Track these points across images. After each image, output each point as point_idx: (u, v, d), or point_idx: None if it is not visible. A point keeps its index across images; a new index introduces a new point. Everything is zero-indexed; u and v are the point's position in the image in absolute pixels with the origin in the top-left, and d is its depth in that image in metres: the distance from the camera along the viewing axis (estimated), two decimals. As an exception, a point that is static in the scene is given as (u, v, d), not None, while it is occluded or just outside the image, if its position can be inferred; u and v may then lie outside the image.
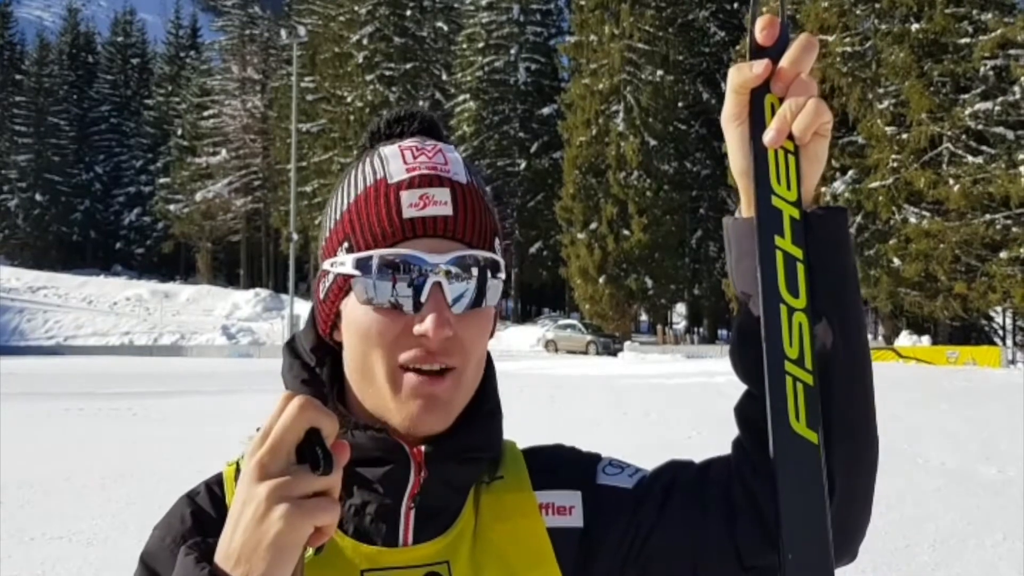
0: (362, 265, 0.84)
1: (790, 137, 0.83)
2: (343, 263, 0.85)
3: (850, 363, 0.86)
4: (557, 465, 0.96)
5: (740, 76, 0.84)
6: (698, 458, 0.98)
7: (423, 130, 0.93)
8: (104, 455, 10.20)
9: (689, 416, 13.22)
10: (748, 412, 0.92)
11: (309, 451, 0.69)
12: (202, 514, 0.87)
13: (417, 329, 0.82)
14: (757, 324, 0.85)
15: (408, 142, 0.89)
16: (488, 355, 0.96)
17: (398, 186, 0.84)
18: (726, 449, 0.95)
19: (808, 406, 0.82)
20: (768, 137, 0.83)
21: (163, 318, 53.13)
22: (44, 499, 7.76)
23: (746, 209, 0.89)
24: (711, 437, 10.57)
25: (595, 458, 0.99)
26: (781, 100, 0.83)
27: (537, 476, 0.94)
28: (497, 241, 0.89)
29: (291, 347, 0.94)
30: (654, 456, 1.06)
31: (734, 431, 0.94)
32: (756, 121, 0.85)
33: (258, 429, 0.71)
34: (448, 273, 0.83)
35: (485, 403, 0.92)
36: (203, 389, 20.24)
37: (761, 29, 0.83)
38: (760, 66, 0.83)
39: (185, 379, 24.22)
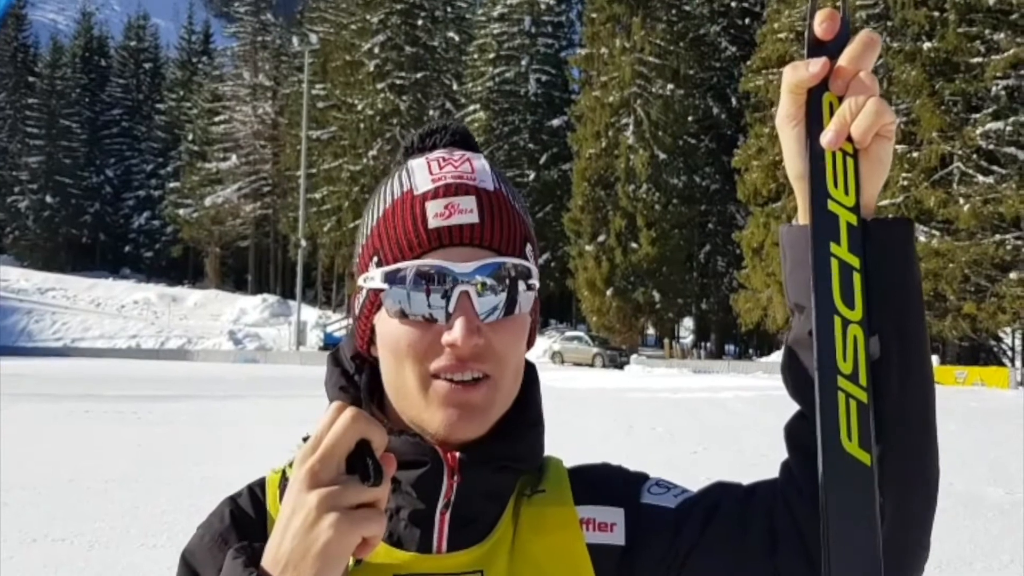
0: (390, 278, 0.84)
1: (849, 139, 0.79)
2: (373, 277, 0.85)
3: (907, 382, 0.81)
4: (601, 481, 0.95)
5: (796, 75, 0.80)
6: (704, 474, 0.96)
7: (455, 142, 0.93)
8: (108, 458, 10.20)
9: (695, 431, 13.16)
10: (797, 433, 0.89)
11: (359, 462, 0.69)
12: (242, 515, 0.88)
13: (446, 338, 0.81)
14: (810, 338, 0.80)
15: (436, 153, 0.89)
16: (532, 366, 0.95)
17: (423, 197, 0.84)
18: (730, 464, 0.94)
19: (861, 425, 0.76)
20: (826, 138, 0.78)
21: (170, 322, 53.30)
22: (47, 501, 7.75)
23: (802, 216, 0.85)
24: (717, 452, 10.51)
25: (642, 477, 0.98)
26: (840, 99, 0.79)
27: (580, 491, 0.93)
28: (529, 248, 0.87)
29: (334, 357, 0.95)
30: (659, 471, 1.03)
31: (739, 447, 0.93)
32: (813, 121, 0.81)
33: (305, 439, 0.72)
34: (476, 282, 0.82)
35: (526, 413, 0.91)
36: (209, 394, 20.22)
37: (821, 22, 0.79)
38: (817, 65, 0.79)
39: (191, 383, 24.24)
